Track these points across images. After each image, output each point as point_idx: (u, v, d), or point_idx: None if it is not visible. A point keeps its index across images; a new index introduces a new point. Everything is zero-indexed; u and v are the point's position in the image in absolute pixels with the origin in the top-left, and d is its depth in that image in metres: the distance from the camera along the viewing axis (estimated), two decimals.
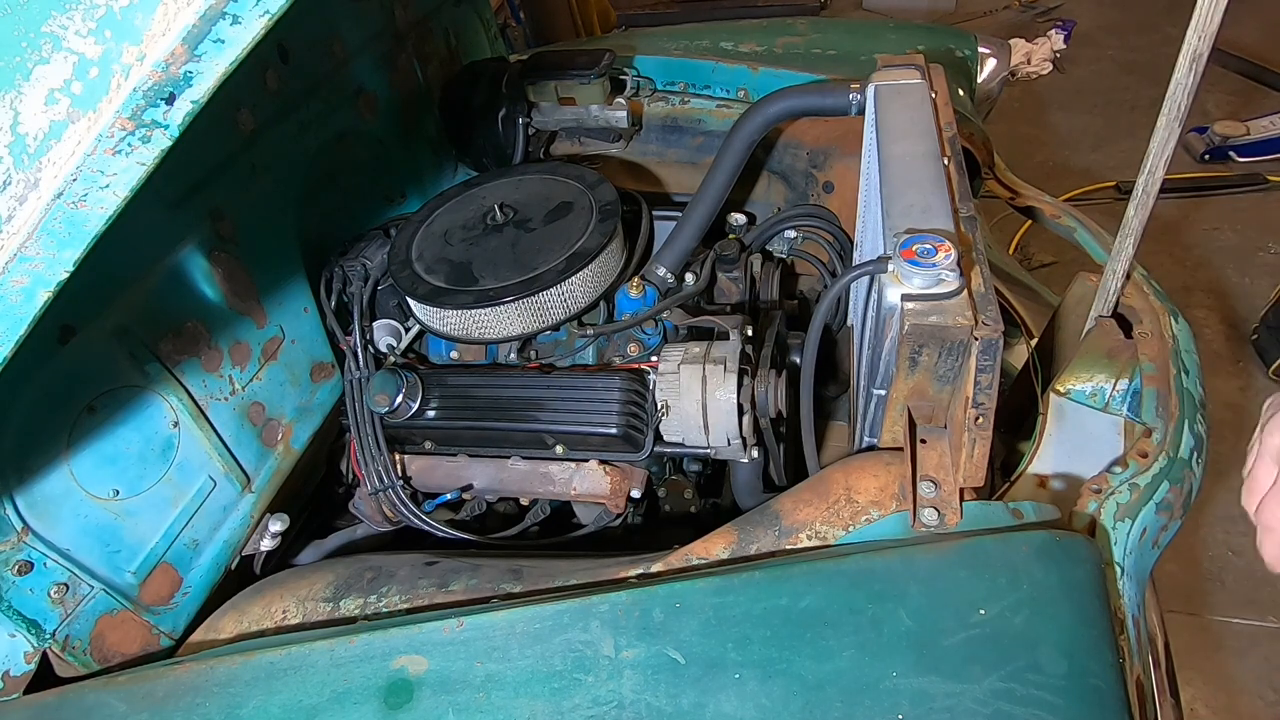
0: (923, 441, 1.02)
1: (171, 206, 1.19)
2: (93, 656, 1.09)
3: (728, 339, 1.31)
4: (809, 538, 0.98)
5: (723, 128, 1.74)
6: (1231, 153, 3.65)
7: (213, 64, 0.64)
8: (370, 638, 0.96)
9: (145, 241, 1.17)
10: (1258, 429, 0.78)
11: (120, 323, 1.13)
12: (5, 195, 0.68)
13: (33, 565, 1.03)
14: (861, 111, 1.41)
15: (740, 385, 1.24)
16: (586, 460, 1.36)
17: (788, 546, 0.98)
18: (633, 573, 1.01)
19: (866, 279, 1.21)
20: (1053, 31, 4.66)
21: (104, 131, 0.65)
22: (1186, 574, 2.30)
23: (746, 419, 1.27)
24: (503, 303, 1.33)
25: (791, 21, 2.12)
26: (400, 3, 1.74)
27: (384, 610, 1.10)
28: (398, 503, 1.38)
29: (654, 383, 1.31)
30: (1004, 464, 1.24)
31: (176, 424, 1.20)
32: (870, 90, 1.33)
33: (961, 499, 0.96)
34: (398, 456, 1.43)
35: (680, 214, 1.52)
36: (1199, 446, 1.12)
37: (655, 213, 1.58)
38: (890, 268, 0.97)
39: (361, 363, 1.43)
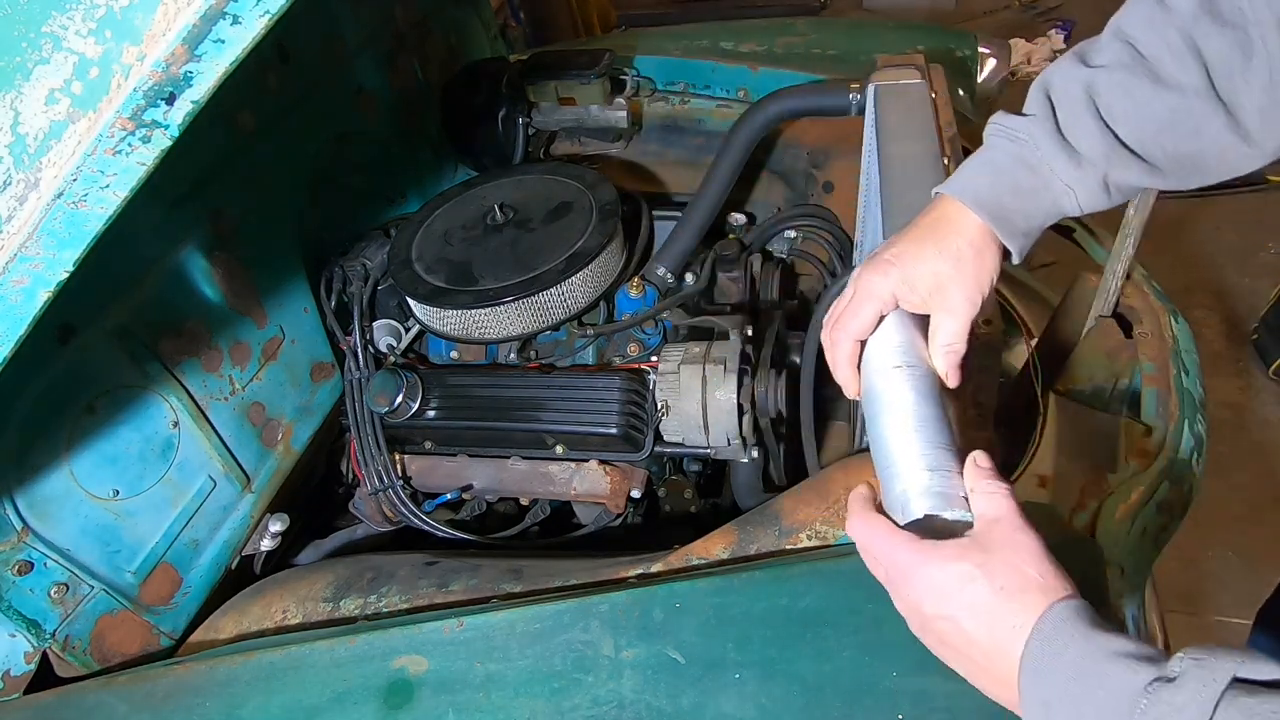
0: None
1: (171, 206, 1.19)
2: (93, 656, 1.09)
3: (728, 339, 1.31)
4: (809, 538, 0.98)
5: (723, 128, 1.74)
6: None
7: (213, 64, 0.64)
8: (370, 638, 0.96)
9: (145, 241, 1.17)
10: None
11: (120, 323, 1.13)
12: (5, 195, 0.68)
13: (33, 565, 1.03)
14: (861, 111, 1.41)
15: (740, 385, 1.24)
16: (586, 460, 1.36)
17: (788, 546, 0.98)
18: (633, 573, 1.01)
19: None
20: (1053, 31, 4.66)
21: (104, 131, 0.65)
22: (1186, 574, 2.29)
23: (746, 419, 1.27)
24: (503, 303, 1.33)
25: (791, 21, 2.12)
26: (400, 3, 1.74)
27: (384, 610, 1.10)
28: (398, 503, 1.38)
29: (654, 383, 1.31)
30: (1004, 464, 1.23)
31: (176, 424, 1.20)
32: (870, 90, 1.33)
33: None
34: (398, 456, 1.43)
35: (680, 214, 1.52)
36: (1199, 446, 1.12)
37: (655, 213, 1.58)
38: None
39: (361, 363, 1.43)
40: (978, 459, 0.70)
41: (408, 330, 1.50)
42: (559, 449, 1.36)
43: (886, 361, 0.79)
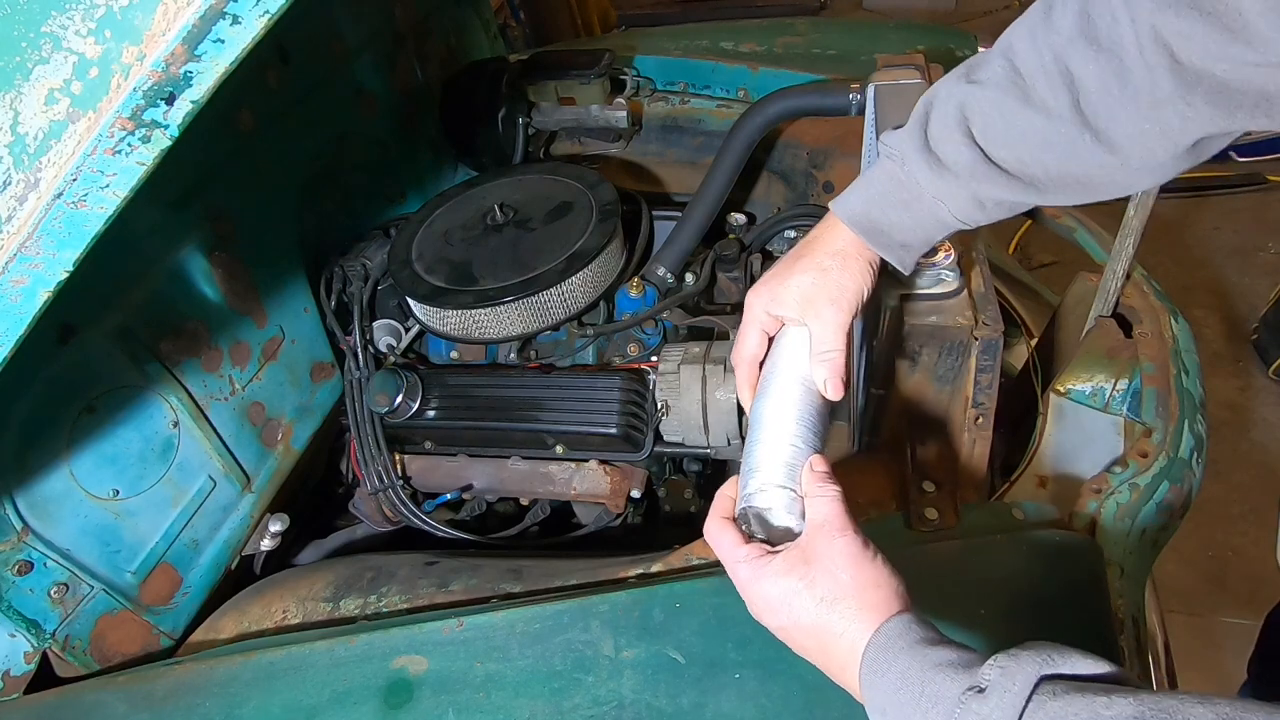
0: (923, 442, 1.02)
1: (171, 206, 1.19)
2: (93, 656, 1.09)
3: (728, 339, 1.31)
4: None
5: (723, 128, 1.74)
6: (1231, 153, 3.64)
7: (213, 64, 0.64)
8: (370, 638, 0.96)
9: (145, 241, 1.17)
10: None
11: (120, 323, 1.13)
12: (5, 195, 0.68)
13: (33, 565, 1.03)
14: (861, 111, 1.41)
15: None
16: (586, 460, 1.36)
17: None
18: (633, 573, 1.01)
19: None
20: None
21: (103, 131, 0.65)
22: (1186, 574, 2.29)
23: (746, 419, 1.27)
24: (503, 303, 1.33)
25: (791, 21, 2.12)
26: (400, 3, 1.74)
27: (384, 610, 1.10)
28: (398, 503, 1.38)
29: (654, 383, 1.31)
30: (1004, 464, 1.23)
31: (176, 424, 1.20)
32: (870, 90, 1.33)
33: (960, 499, 0.96)
34: (398, 456, 1.43)
35: (680, 214, 1.52)
36: (1199, 446, 1.12)
37: (655, 213, 1.58)
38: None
39: (361, 363, 1.43)
40: (814, 463, 0.76)
41: (408, 330, 1.50)
42: (559, 449, 1.36)
43: (766, 372, 0.84)
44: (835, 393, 0.81)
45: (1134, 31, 0.64)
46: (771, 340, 0.87)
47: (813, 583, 0.67)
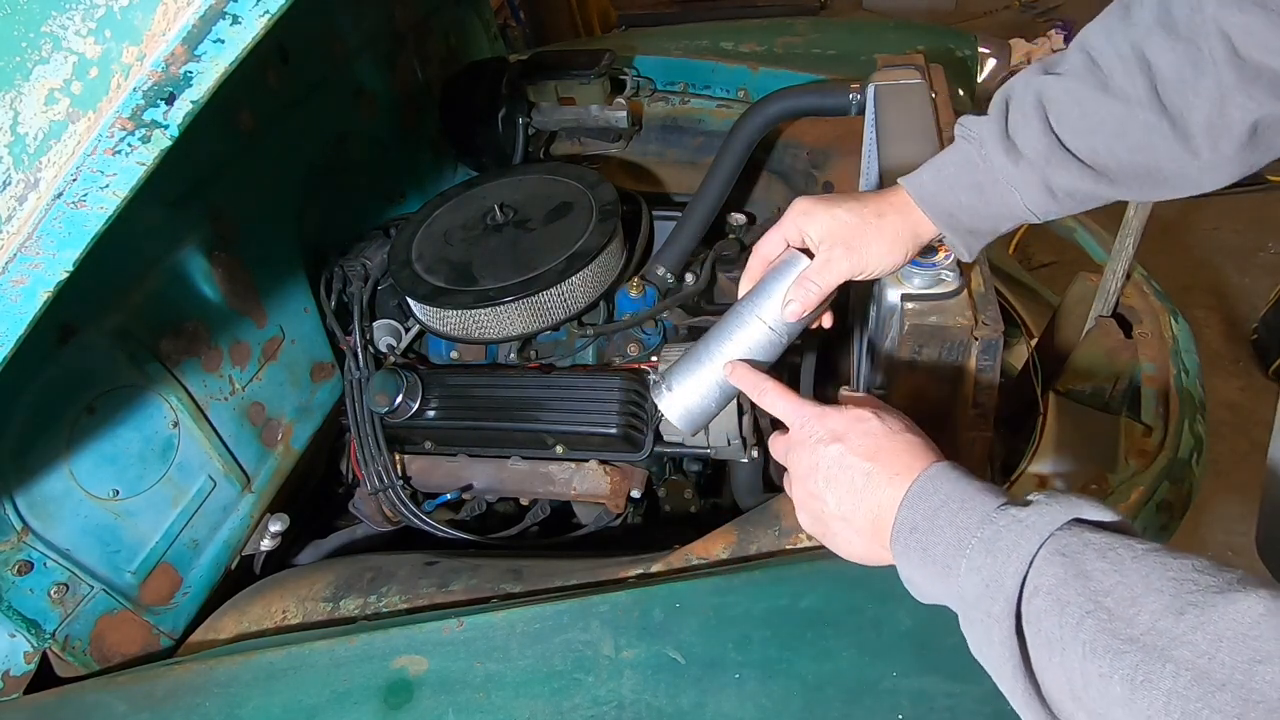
0: None
1: (171, 206, 1.19)
2: (93, 656, 1.09)
3: None
4: (809, 538, 0.98)
5: (723, 128, 1.74)
6: None
7: (213, 64, 0.64)
8: (370, 638, 0.96)
9: (145, 241, 1.17)
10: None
11: (120, 323, 1.13)
12: (5, 195, 0.68)
13: (33, 565, 1.03)
14: (861, 111, 1.41)
15: None
16: (586, 460, 1.36)
17: (788, 546, 0.98)
18: (633, 573, 1.01)
19: None
20: (1053, 31, 4.65)
21: (103, 131, 0.65)
22: None
23: (746, 419, 1.27)
24: (503, 303, 1.33)
25: (791, 21, 2.12)
26: (400, 3, 1.74)
27: (384, 610, 1.10)
28: (398, 503, 1.38)
29: (654, 383, 1.31)
30: (1004, 464, 1.24)
31: (176, 424, 1.20)
32: (870, 90, 1.33)
33: None
34: (398, 456, 1.43)
35: (680, 214, 1.52)
36: (1199, 446, 1.12)
37: (655, 213, 1.58)
38: None
39: (361, 363, 1.43)
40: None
41: (408, 330, 1.50)
42: (559, 449, 1.36)
43: (745, 295, 0.92)
44: (792, 316, 0.87)
45: (1203, 23, 0.67)
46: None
47: (850, 442, 0.73)
